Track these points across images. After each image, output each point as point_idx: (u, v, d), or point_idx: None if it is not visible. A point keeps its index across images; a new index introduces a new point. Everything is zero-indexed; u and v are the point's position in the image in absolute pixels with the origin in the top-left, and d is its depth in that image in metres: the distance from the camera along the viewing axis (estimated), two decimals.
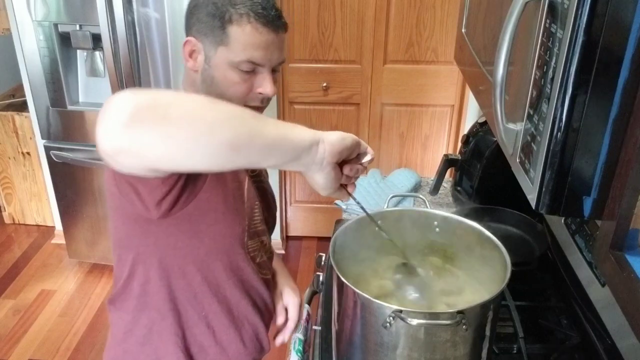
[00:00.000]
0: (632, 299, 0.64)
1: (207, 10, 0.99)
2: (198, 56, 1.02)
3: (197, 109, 0.74)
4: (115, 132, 0.70)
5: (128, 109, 0.70)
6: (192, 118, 0.73)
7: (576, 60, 0.66)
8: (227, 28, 0.98)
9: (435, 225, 1.16)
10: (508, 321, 1.25)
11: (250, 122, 0.78)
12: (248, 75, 1.01)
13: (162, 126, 0.71)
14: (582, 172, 0.71)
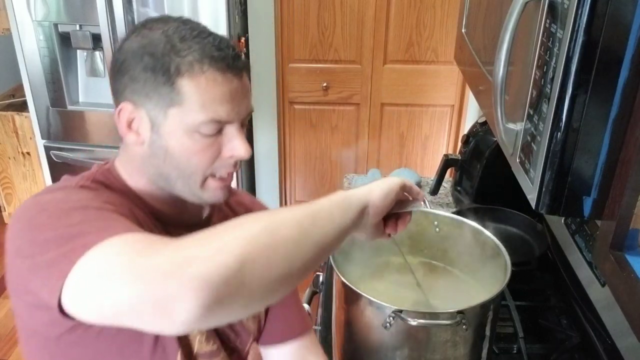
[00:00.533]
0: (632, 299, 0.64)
1: (142, 64, 0.76)
2: (140, 125, 0.79)
3: (267, 253, 0.61)
4: (186, 322, 0.56)
5: (201, 293, 0.55)
6: (268, 270, 0.60)
7: (576, 60, 0.66)
8: (176, 83, 0.75)
9: (435, 225, 1.16)
10: (508, 321, 1.25)
11: (313, 233, 0.67)
12: (213, 138, 0.78)
13: (243, 297, 0.59)
14: (582, 172, 0.71)
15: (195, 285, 0.55)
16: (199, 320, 0.56)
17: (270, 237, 0.62)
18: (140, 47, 0.77)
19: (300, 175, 3.08)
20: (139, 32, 0.79)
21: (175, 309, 0.55)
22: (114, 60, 0.80)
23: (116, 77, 0.80)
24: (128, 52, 0.78)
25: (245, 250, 0.59)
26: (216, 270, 0.56)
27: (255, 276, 0.59)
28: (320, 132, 2.96)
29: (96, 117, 2.63)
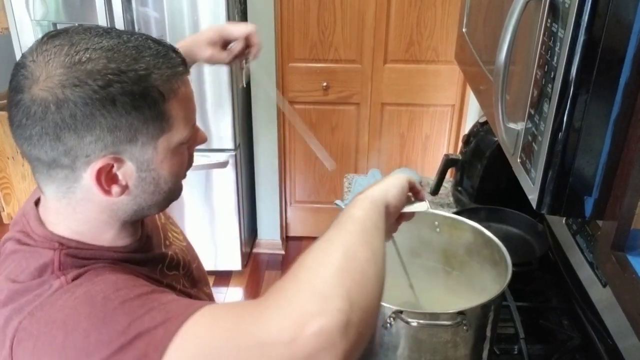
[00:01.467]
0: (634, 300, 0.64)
1: (118, 108, 0.65)
2: (120, 174, 0.70)
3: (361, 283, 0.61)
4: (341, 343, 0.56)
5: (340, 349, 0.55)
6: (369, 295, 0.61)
7: (577, 59, 0.66)
8: (163, 110, 0.69)
9: (436, 225, 1.15)
10: (509, 322, 1.24)
11: (373, 244, 0.67)
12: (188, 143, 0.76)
13: (365, 326, 0.59)
14: (583, 172, 0.71)
15: (327, 341, 0.55)
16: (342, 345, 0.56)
17: (353, 262, 0.62)
18: (104, 88, 0.64)
19: (300, 175, 3.08)
20: (65, 73, 0.64)
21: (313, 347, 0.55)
22: (52, 122, 0.64)
23: (66, 136, 0.65)
24: (83, 104, 0.64)
25: (346, 286, 0.58)
26: (335, 320, 0.56)
27: (362, 306, 0.58)
28: (320, 131, 2.96)
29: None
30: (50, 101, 0.64)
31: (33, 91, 0.65)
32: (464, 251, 1.12)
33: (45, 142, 0.66)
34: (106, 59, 0.65)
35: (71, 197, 0.71)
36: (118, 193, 0.71)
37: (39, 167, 0.70)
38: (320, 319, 0.55)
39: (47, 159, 0.68)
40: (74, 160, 0.67)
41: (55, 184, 0.71)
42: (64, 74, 0.64)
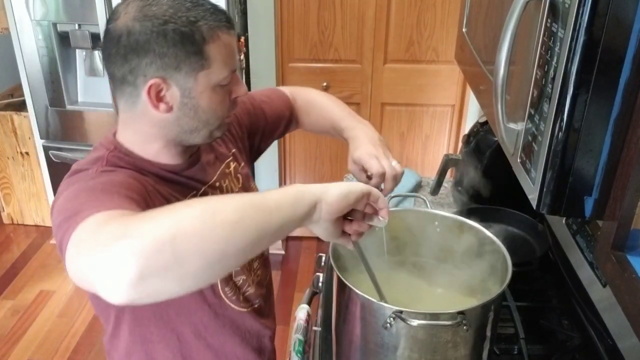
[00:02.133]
0: (634, 300, 0.64)
1: (168, 40, 0.84)
2: (167, 95, 0.88)
3: (202, 230, 0.66)
4: (125, 290, 0.63)
5: (134, 263, 0.62)
6: (202, 246, 0.66)
7: (577, 59, 0.66)
8: (204, 50, 0.86)
9: (436, 225, 1.15)
10: (509, 322, 1.24)
11: (256, 219, 0.71)
12: (227, 87, 0.93)
13: (176, 270, 0.64)
14: (583, 172, 0.71)
15: (128, 255, 0.62)
16: (134, 288, 0.62)
17: (210, 217, 0.67)
18: (160, 25, 0.84)
19: (300, 175, 3.08)
20: (138, 12, 0.85)
21: (114, 276, 0.62)
22: (123, 45, 0.86)
23: (131, 57, 0.86)
24: (144, 33, 0.84)
25: (179, 226, 0.65)
26: (148, 241, 0.63)
27: (188, 251, 0.64)
28: None
29: (95, 116, 2.63)
30: (124, 30, 0.85)
31: (115, 23, 0.87)
32: (464, 251, 1.12)
33: (117, 61, 0.88)
34: (167, 6, 0.85)
35: (134, 110, 0.92)
36: (164, 110, 0.89)
37: (115, 84, 0.92)
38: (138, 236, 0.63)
39: (119, 76, 0.89)
40: (136, 78, 0.87)
41: (124, 99, 0.92)
42: (137, 13, 0.85)
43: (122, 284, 0.62)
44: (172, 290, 0.67)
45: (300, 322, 1.27)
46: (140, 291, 0.64)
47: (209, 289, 1.01)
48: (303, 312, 1.30)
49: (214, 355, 1.07)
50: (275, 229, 0.73)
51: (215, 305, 1.03)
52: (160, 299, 0.68)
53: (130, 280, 0.62)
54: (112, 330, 1.03)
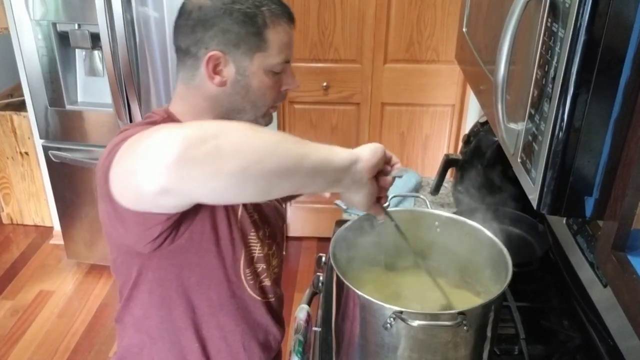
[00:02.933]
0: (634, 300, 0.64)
1: (233, 18, 0.93)
2: (224, 70, 0.96)
3: (245, 137, 0.72)
4: (163, 171, 0.68)
5: (177, 145, 0.67)
6: (242, 149, 0.71)
7: (578, 59, 0.66)
8: (263, 33, 0.94)
9: (436, 225, 1.15)
10: (509, 322, 1.24)
11: (295, 147, 0.77)
12: (278, 75, 1.00)
13: (214, 162, 0.69)
14: (583, 172, 0.71)
15: (172, 137, 0.68)
16: (171, 170, 0.67)
17: (253, 131, 0.74)
18: (228, 4, 0.93)
19: None
20: None
21: (156, 155, 0.67)
22: (193, 18, 0.94)
23: (198, 30, 0.94)
24: (213, 9, 0.93)
25: (225, 128, 0.73)
26: (193, 130, 0.69)
27: (228, 149, 0.69)
28: (320, 131, 2.96)
29: (95, 116, 2.62)
30: (196, 5, 0.95)
31: (191, 0, 0.96)
32: (464, 251, 1.12)
33: (186, 32, 0.96)
34: None
35: (191, 83, 0.99)
36: (219, 83, 0.96)
37: (179, 56, 0.99)
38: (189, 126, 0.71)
39: (184, 47, 0.97)
40: (198, 49, 0.95)
41: (184, 70, 0.99)
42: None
43: (162, 163, 0.67)
44: (203, 186, 0.70)
45: (300, 322, 1.27)
46: (176, 176, 0.68)
47: (232, 266, 1.03)
48: (303, 312, 1.30)
49: (222, 336, 1.08)
50: (311, 167, 0.78)
51: (234, 285, 1.05)
52: (190, 195, 0.73)
53: (170, 161, 0.66)
54: (130, 292, 1.04)
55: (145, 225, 0.87)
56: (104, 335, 2.59)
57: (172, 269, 0.99)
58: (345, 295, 0.98)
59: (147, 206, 0.81)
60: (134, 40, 2.36)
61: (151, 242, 0.90)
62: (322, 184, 0.83)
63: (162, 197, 0.72)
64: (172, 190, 0.70)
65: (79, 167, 2.71)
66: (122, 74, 2.40)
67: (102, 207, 0.90)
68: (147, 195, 0.73)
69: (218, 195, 0.74)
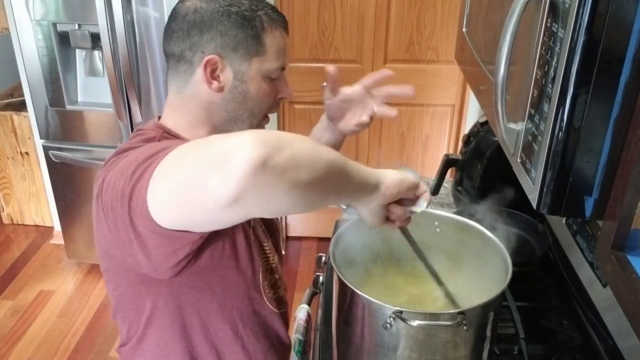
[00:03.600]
0: (634, 300, 0.64)
1: (231, 21, 0.90)
2: (221, 75, 0.92)
3: (312, 147, 0.71)
4: (242, 178, 0.63)
5: (258, 149, 0.63)
6: (313, 159, 0.70)
7: (577, 59, 0.66)
8: (261, 37, 0.92)
9: (436, 225, 1.15)
10: (509, 322, 1.24)
11: (344, 163, 0.77)
12: (274, 82, 0.99)
13: (291, 171, 0.66)
14: (583, 172, 0.71)
15: (256, 141, 0.63)
16: (253, 175, 0.63)
17: (317, 146, 0.73)
18: (225, 7, 0.90)
19: None
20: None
21: (235, 158, 0.63)
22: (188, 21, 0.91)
23: (194, 33, 0.90)
24: (209, 12, 0.90)
25: (296, 140, 0.70)
26: (272, 138, 0.66)
27: (303, 160, 0.68)
28: None
29: (95, 116, 2.62)
30: (191, 8, 0.91)
31: (183, 3, 0.93)
32: (464, 251, 1.12)
33: (180, 36, 0.92)
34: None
35: (184, 92, 0.94)
36: (216, 88, 0.92)
37: (171, 62, 0.95)
38: (266, 133, 0.66)
39: (177, 52, 0.93)
40: (194, 54, 0.91)
41: (177, 78, 0.94)
42: None
43: (242, 168, 0.62)
44: (280, 197, 0.67)
45: (300, 322, 1.27)
46: (255, 184, 0.63)
47: (252, 281, 0.99)
48: (303, 312, 1.30)
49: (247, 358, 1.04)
50: (354, 183, 0.80)
51: (255, 301, 1.02)
52: (263, 205, 0.68)
53: (251, 165, 0.62)
54: (143, 330, 0.98)
55: (171, 247, 0.80)
56: (105, 335, 2.59)
57: (192, 292, 0.93)
58: (345, 295, 0.98)
59: (191, 221, 0.75)
60: (134, 41, 2.36)
61: (174, 266, 0.84)
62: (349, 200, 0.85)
63: (229, 209, 0.66)
64: (245, 200, 0.65)
65: (79, 167, 2.71)
66: (122, 74, 2.40)
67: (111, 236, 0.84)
68: (214, 206, 0.67)
69: (286, 207, 0.71)
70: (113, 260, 0.91)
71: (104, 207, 0.83)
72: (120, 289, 0.96)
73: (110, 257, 0.90)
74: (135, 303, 0.96)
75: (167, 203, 0.73)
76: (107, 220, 0.83)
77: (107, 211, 0.82)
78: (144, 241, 0.79)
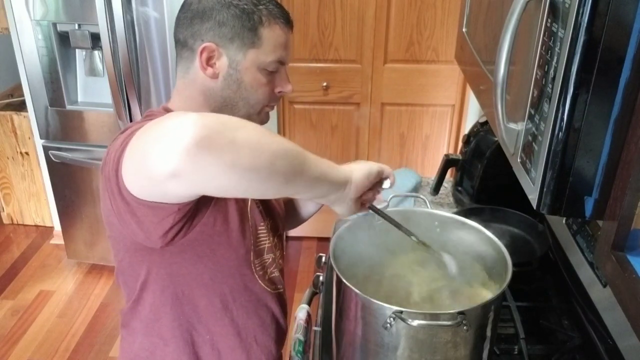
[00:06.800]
0: (634, 300, 0.64)
1: (230, 12, 0.95)
2: (217, 62, 0.97)
3: (262, 136, 0.76)
4: (178, 154, 0.69)
5: (197, 130, 0.69)
6: (258, 147, 0.74)
7: (577, 59, 0.66)
8: (258, 29, 0.96)
9: (436, 225, 1.15)
10: (509, 322, 1.24)
11: (301, 155, 0.82)
12: (272, 76, 1.01)
13: (229, 154, 0.71)
14: (583, 172, 0.71)
15: (192, 123, 0.69)
16: (187, 154, 0.69)
17: (267, 133, 0.77)
18: None
19: None
20: None
21: (173, 138, 0.69)
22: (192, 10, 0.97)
23: (195, 22, 0.96)
24: (212, 3, 0.95)
25: (242, 124, 0.76)
26: (213, 121, 0.72)
27: (245, 143, 0.73)
28: (320, 131, 2.96)
29: (95, 116, 2.62)
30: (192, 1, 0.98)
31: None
32: (464, 251, 1.12)
33: (184, 24, 0.98)
34: None
35: (187, 76, 1.00)
36: (211, 75, 0.98)
37: (177, 48, 1.01)
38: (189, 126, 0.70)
39: (182, 39, 0.99)
40: (195, 41, 0.97)
41: (182, 63, 1.01)
42: None
43: (179, 145, 0.69)
44: (214, 176, 0.73)
45: (300, 322, 1.27)
46: (190, 161, 0.69)
47: (243, 257, 1.03)
48: (303, 312, 1.30)
49: (235, 332, 1.07)
50: (312, 177, 0.85)
51: (246, 277, 1.05)
52: (198, 184, 0.75)
53: (187, 144, 0.68)
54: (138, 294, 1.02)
55: (157, 216, 0.86)
56: (104, 335, 2.59)
57: (184, 263, 0.98)
58: (345, 295, 0.98)
59: (156, 192, 0.81)
60: (134, 40, 2.36)
61: (163, 235, 0.89)
62: (313, 195, 0.91)
63: (171, 182, 0.73)
64: (182, 176, 0.71)
65: (79, 167, 2.71)
66: (122, 74, 2.40)
67: (111, 205, 0.89)
68: (157, 178, 0.74)
69: (224, 187, 0.77)
70: (114, 228, 0.95)
71: (104, 178, 0.90)
72: (120, 255, 1.01)
73: (112, 224, 0.95)
74: (132, 269, 1.01)
75: (131, 175, 0.81)
76: (107, 190, 0.89)
77: (106, 181, 0.88)
78: (133, 210, 0.85)
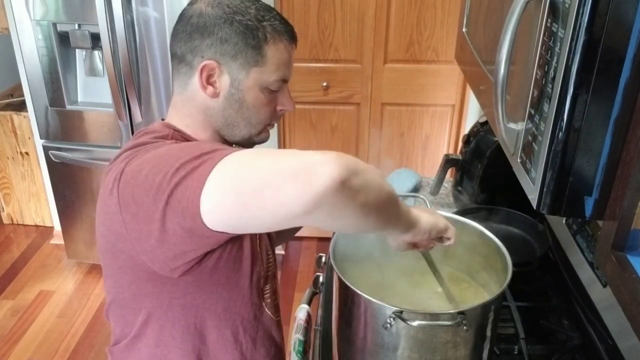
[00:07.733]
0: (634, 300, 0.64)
1: (233, 28, 0.89)
2: (218, 81, 0.92)
3: (379, 178, 0.77)
4: (324, 192, 0.67)
5: (340, 171, 0.67)
6: (378, 187, 0.75)
7: (577, 59, 0.66)
8: (263, 47, 0.91)
9: None
10: (509, 322, 1.24)
11: (397, 199, 0.82)
12: (274, 94, 0.96)
13: (362, 194, 0.71)
14: (583, 172, 0.71)
15: (339, 162, 0.68)
16: (329, 193, 0.67)
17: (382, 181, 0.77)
18: (229, 14, 0.90)
19: None
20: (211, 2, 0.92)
21: (318, 173, 0.67)
22: (192, 24, 0.91)
23: (195, 37, 0.91)
24: (213, 17, 0.90)
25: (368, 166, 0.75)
26: (349, 162, 0.70)
27: (370, 184, 0.73)
28: (320, 132, 2.96)
29: (95, 116, 2.62)
30: (196, 11, 0.91)
31: (191, 6, 0.93)
32: (464, 251, 1.12)
33: (182, 38, 0.92)
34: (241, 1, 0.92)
35: (184, 93, 0.95)
36: (211, 94, 0.93)
37: (174, 62, 0.95)
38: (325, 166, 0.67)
39: (179, 54, 0.93)
40: (194, 57, 0.91)
41: (179, 79, 0.95)
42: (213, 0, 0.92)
43: (326, 182, 0.67)
44: (348, 216, 0.72)
45: (300, 322, 1.27)
46: (331, 199, 0.68)
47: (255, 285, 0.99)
48: (303, 312, 1.30)
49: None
50: (398, 220, 0.85)
51: (256, 307, 1.01)
52: (331, 221, 0.73)
53: (334, 181, 0.67)
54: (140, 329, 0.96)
55: (193, 245, 0.81)
56: (104, 335, 2.59)
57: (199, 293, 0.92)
58: (345, 295, 0.98)
59: (255, 226, 0.77)
60: (134, 41, 2.36)
61: (186, 264, 0.84)
62: (380, 230, 0.87)
63: (299, 218, 0.70)
64: (315, 214, 0.69)
65: (79, 167, 2.71)
66: (122, 74, 2.40)
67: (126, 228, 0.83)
68: (285, 215, 0.70)
69: (346, 226, 0.77)
70: (120, 255, 0.88)
71: (121, 199, 0.82)
72: (121, 286, 0.94)
73: (118, 252, 0.88)
74: (135, 301, 0.94)
75: (227, 205, 0.73)
76: (124, 213, 0.82)
77: (127, 203, 0.81)
78: (167, 237, 0.79)
